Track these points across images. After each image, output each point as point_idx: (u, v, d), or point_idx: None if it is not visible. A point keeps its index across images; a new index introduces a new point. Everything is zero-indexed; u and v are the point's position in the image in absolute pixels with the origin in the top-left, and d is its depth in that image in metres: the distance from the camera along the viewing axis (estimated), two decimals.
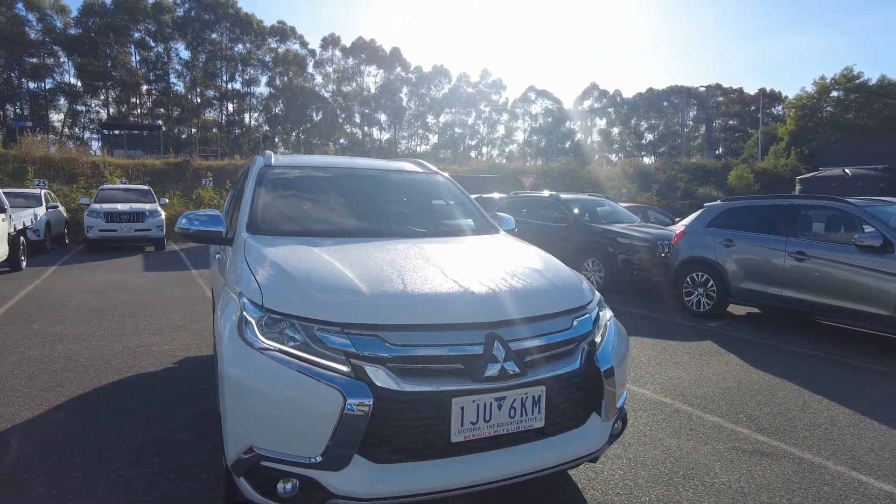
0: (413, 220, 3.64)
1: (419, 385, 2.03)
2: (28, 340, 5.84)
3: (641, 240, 8.92)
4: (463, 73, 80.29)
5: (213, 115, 66.45)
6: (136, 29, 58.12)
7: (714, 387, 4.81)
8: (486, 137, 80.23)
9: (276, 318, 2.17)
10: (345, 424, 1.95)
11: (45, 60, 54.32)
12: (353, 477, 2.00)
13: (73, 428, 3.74)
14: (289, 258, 2.59)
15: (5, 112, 54.15)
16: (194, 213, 3.42)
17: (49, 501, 2.85)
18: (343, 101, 70.13)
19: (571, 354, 2.34)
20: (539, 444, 2.26)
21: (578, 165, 36.70)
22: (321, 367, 2.02)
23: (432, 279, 2.39)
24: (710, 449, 3.59)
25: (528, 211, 11.26)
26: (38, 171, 20.06)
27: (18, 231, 10.64)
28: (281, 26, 66.05)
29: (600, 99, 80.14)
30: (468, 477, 2.11)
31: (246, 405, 2.08)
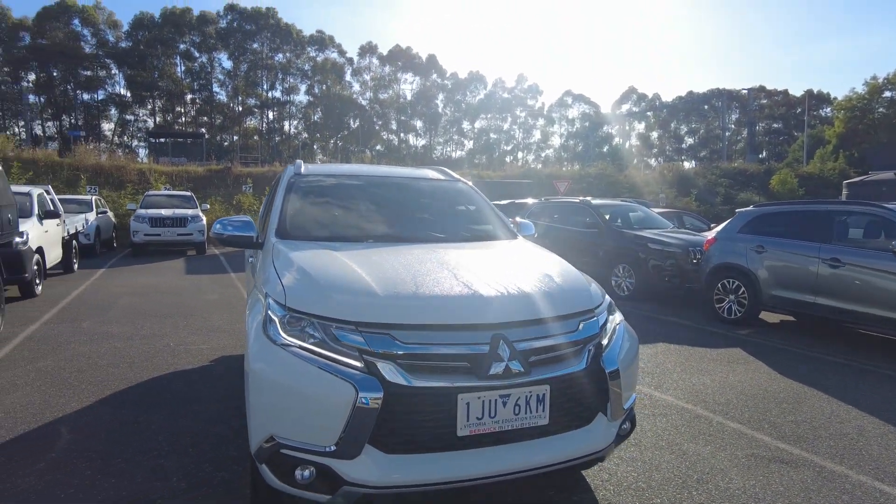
0: (434, 225, 3.77)
1: (427, 381, 2.16)
2: (78, 338, 6.23)
3: (673, 246, 8.83)
4: (499, 79, 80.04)
5: (254, 123, 68.32)
6: (181, 41, 60.42)
7: (738, 394, 4.78)
8: (521, 142, 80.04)
9: (297, 316, 2.33)
10: (357, 416, 2.09)
11: (97, 73, 57.03)
12: (365, 466, 2.13)
13: (117, 419, 4.01)
14: (312, 262, 2.76)
15: (62, 122, 57.01)
16: (228, 219, 3.64)
17: (94, 483, 3.09)
18: (380, 108, 71.11)
19: (577, 356, 2.43)
20: (544, 441, 2.35)
21: (615, 170, 36.29)
22: (336, 363, 2.17)
23: (444, 282, 2.52)
24: (727, 455, 3.59)
25: (559, 216, 11.28)
26: (90, 178, 21.10)
27: (71, 235, 11.26)
28: (320, 35, 67.52)
29: (638, 103, 79.01)
30: (474, 470, 2.21)
31: (268, 397, 2.25)
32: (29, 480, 3.15)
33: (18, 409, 4.19)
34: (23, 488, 3.06)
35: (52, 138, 53.89)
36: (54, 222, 9.85)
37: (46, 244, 9.24)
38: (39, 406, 4.24)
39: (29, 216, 8.87)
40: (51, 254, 9.56)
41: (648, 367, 5.48)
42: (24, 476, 3.19)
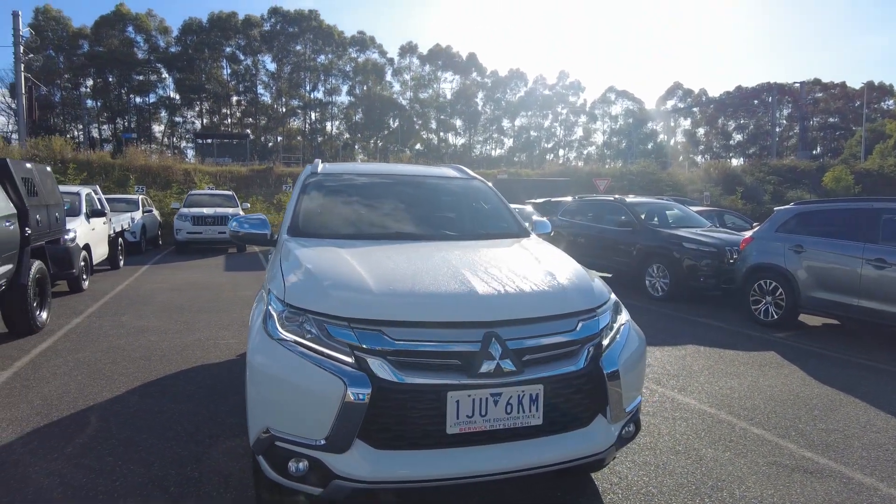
0: (445, 223, 3.77)
1: (417, 378, 2.16)
2: (116, 331, 6.51)
3: (709, 245, 8.55)
4: (539, 76, 79.34)
5: (297, 124, 69.78)
6: (227, 44, 62.24)
7: (766, 399, 4.59)
8: (562, 140, 79.06)
9: (294, 312, 2.37)
10: (345, 411, 2.11)
11: (149, 77, 59.40)
12: (354, 460, 2.15)
13: (143, 408, 4.17)
14: (315, 259, 2.80)
15: (116, 125, 59.66)
16: (245, 217, 3.74)
17: (114, 469, 3.23)
18: (420, 107, 71.48)
19: (574, 355, 2.38)
20: (539, 442, 2.32)
21: (659, 167, 35.43)
22: (328, 358, 2.20)
23: (441, 280, 2.51)
24: (746, 462, 3.46)
25: (593, 215, 11.10)
26: (139, 178, 22.02)
27: (117, 233, 11.78)
28: (361, 36, 68.38)
29: (684, 98, 76.75)
30: (465, 468, 2.20)
31: (264, 390, 2.30)
32: (57, 464, 3.31)
33: (56, 396, 4.41)
34: (50, 471, 3.22)
35: (107, 140, 56.43)
36: (101, 220, 10.32)
37: (93, 241, 9.69)
38: (74, 394, 4.45)
39: (77, 215, 9.33)
40: (97, 250, 10.02)
41: (674, 370, 5.33)
42: (53, 460, 3.36)
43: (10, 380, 4.80)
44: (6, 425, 3.87)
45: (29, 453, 3.46)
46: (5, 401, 4.32)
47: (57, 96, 55.98)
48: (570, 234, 11.29)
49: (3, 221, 5.70)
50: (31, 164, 6.89)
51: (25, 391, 4.52)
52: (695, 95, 76.67)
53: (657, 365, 5.49)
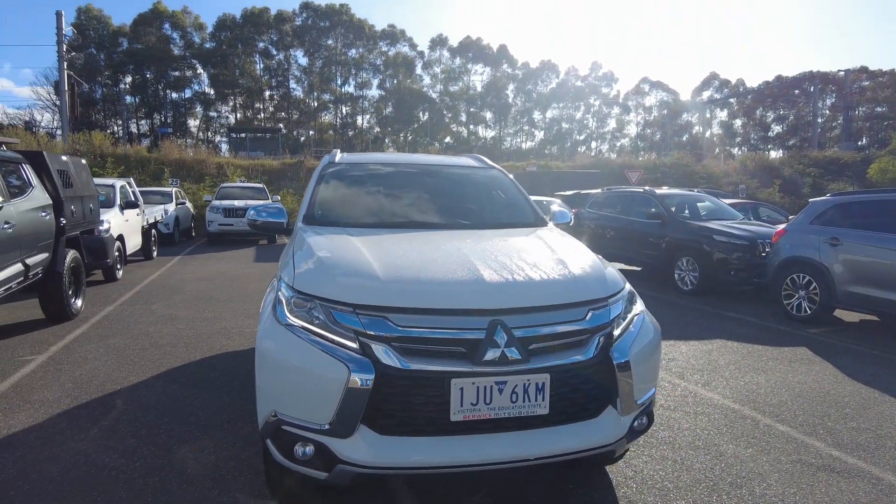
0: (460, 212, 3.74)
1: (420, 364, 2.15)
2: (146, 319, 6.69)
3: (740, 238, 8.31)
4: (571, 67, 78.05)
5: (328, 118, 70.44)
6: (260, 39, 63.16)
7: (794, 395, 4.44)
8: (595, 132, 77.95)
9: (303, 298, 2.38)
10: (349, 396, 2.11)
11: (185, 73, 60.75)
12: (358, 446, 2.16)
13: (167, 394, 4.28)
14: (325, 246, 2.81)
15: (153, 120, 61.28)
16: (263, 206, 3.79)
17: (135, 451, 3.32)
18: (449, 100, 71.33)
19: (583, 345, 2.33)
20: (545, 432, 2.28)
21: (693, 160, 34.58)
22: (333, 343, 2.20)
23: (449, 267, 2.49)
24: (769, 459, 3.35)
25: (622, 207, 10.90)
26: (173, 171, 22.55)
27: (150, 225, 12.11)
28: (391, 30, 68.51)
29: (721, 89, 74.62)
30: (469, 456, 2.18)
31: (272, 374, 2.32)
32: (82, 444, 3.42)
33: (86, 380, 4.56)
34: (76, 450, 3.33)
35: (145, 135, 58.01)
36: (134, 212, 10.61)
37: (127, 232, 9.98)
38: (103, 379, 4.60)
39: (112, 206, 9.61)
40: (131, 241, 10.31)
41: (698, 364, 5.21)
42: (80, 440, 3.48)
43: (44, 363, 4.98)
44: (39, 406, 4.02)
45: (58, 433, 3.59)
46: (40, 383, 4.49)
47: (98, 93, 57.76)
48: (598, 227, 11.12)
49: (39, 212, 5.91)
50: (66, 157, 7.12)
51: (58, 374, 4.69)
52: (732, 86, 74.50)
53: (681, 359, 5.37)
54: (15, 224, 5.26)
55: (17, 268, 5.30)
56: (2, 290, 5.06)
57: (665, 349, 5.70)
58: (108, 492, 2.89)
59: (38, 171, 6.27)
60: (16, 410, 3.94)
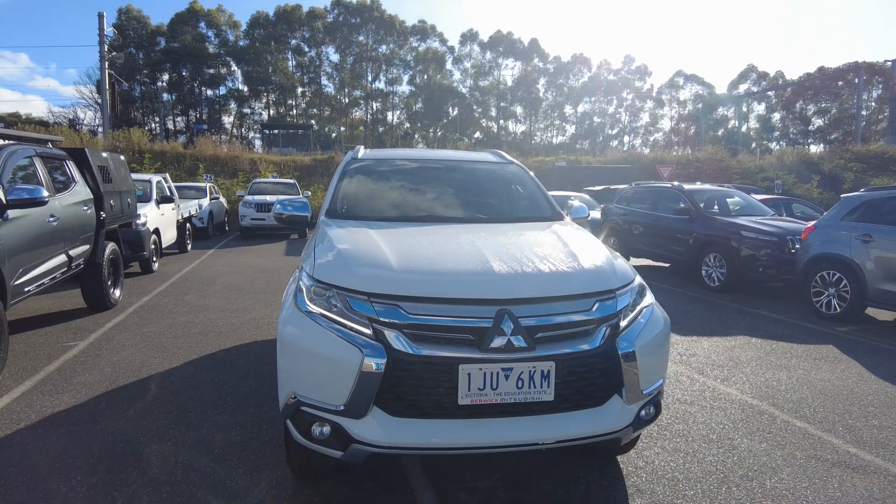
0: (478, 206, 3.83)
1: (430, 350, 2.25)
2: (180, 309, 6.97)
3: (768, 234, 8.17)
4: (604, 61, 77.25)
5: (359, 114, 71.09)
6: (292, 36, 64.12)
7: (816, 392, 4.40)
8: (627, 126, 76.84)
9: (322, 287, 2.52)
10: (363, 379, 2.24)
11: (219, 70, 62.11)
12: (371, 426, 2.28)
13: (198, 379, 4.49)
14: (345, 238, 2.94)
15: (189, 117, 62.88)
16: (289, 200, 3.95)
17: (167, 431, 3.52)
18: (479, 95, 71.19)
19: (589, 335, 2.40)
20: (550, 418, 2.36)
21: (728, 154, 33.81)
22: (349, 329, 2.33)
23: (460, 259, 2.59)
24: (783, 454, 3.35)
25: (650, 202, 10.80)
26: (208, 167, 23.17)
27: (185, 219, 12.52)
28: (422, 25, 68.70)
29: (759, 82, 72.54)
30: (475, 438, 2.28)
31: (292, 358, 2.46)
32: (119, 423, 3.65)
33: (122, 365, 4.81)
34: (113, 429, 3.56)
35: (181, 132, 59.58)
36: (170, 206, 10.99)
37: (163, 226, 10.36)
38: (138, 364, 4.85)
39: (148, 201, 9.99)
40: (166, 235, 10.69)
41: (720, 360, 5.19)
42: (117, 420, 3.71)
43: (86, 349, 5.27)
44: (80, 388, 4.28)
45: (98, 413, 3.82)
46: (82, 367, 4.76)
47: (137, 91, 59.55)
48: (626, 222, 11.06)
49: (81, 206, 6.22)
50: (106, 154, 7.45)
51: (98, 360, 4.96)
52: (770, 78, 72.37)
53: (702, 354, 5.35)
54: (59, 217, 5.56)
55: (61, 258, 5.61)
56: (47, 280, 5.36)
57: (686, 344, 5.69)
58: (142, 467, 3.08)
59: (81, 167, 6.59)
60: (61, 391, 4.21)
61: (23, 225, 4.86)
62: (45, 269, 5.30)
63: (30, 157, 5.42)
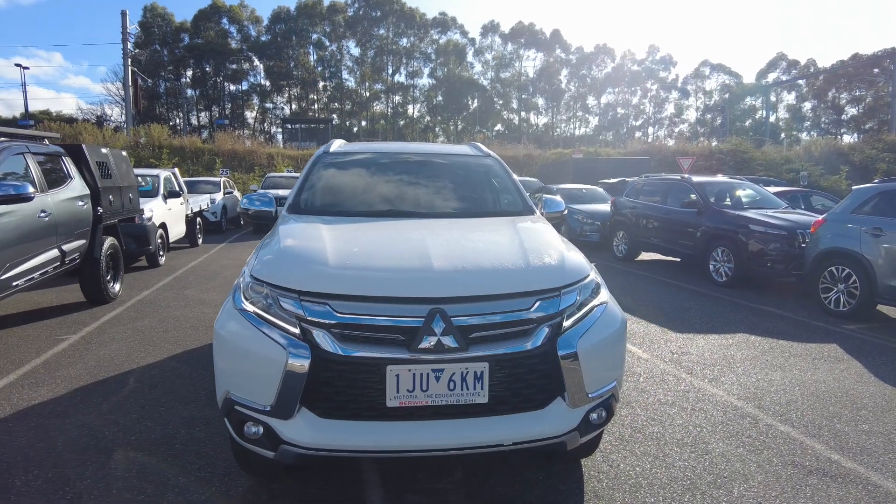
0: (444, 201, 3.72)
1: (357, 351, 2.18)
2: (177, 303, 7.04)
3: (777, 228, 7.88)
4: (628, 51, 76.08)
5: (380, 108, 71.24)
6: (313, 31, 64.43)
7: (807, 394, 4.21)
8: (652, 117, 75.57)
9: (258, 284, 2.46)
10: (287, 379, 2.18)
11: (242, 66, 62.83)
12: (299, 427, 2.22)
13: (178, 373, 4.51)
14: (292, 235, 2.88)
15: (211, 112, 63.80)
16: (257, 195, 3.91)
17: (134, 426, 3.54)
18: (501, 87, 70.69)
19: (527, 335, 2.30)
20: (486, 421, 2.27)
21: (754, 145, 32.92)
22: (276, 328, 2.27)
23: (401, 255, 2.51)
24: (759, 460, 3.20)
25: (659, 195, 10.54)
26: (225, 161, 23.47)
27: (195, 213, 12.65)
28: (442, 17, 68.42)
29: (788, 70, 70.41)
30: (406, 441, 2.21)
31: (225, 356, 2.42)
32: (90, 417, 3.67)
33: (107, 359, 4.86)
34: (82, 423, 3.58)
35: (205, 127, 60.51)
36: (178, 201, 11.12)
37: (170, 220, 10.47)
38: (123, 358, 4.89)
39: (155, 196, 10.11)
40: (174, 229, 10.82)
41: (711, 359, 5.01)
42: (88, 414, 3.73)
43: (76, 343, 5.34)
44: (61, 381, 4.33)
45: (72, 407, 3.85)
46: (67, 361, 4.82)
47: (161, 87, 60.62)
48: (635, 216, 10.82)
49: (76, 201, 6.30)
50: (106, 150, 7.54)
51: (85, 353, 5.02)
52: (801, 67, 70.19)
53: (695, 353, 5.18)
54: (52, 212, 5.63)
55: (53, 253, 5.68)
56: (37, 275, 5.44)
57: (681, 342, 5.52)
58: (100, 462, 3.09)
59: (78, 163, 6.67)
60: (40, 385, 4.26)
61: (9, 221, 4.93)
62: (35, 264, 5.38)
63: (21, 154, 5.49)
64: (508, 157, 33.26)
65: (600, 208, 13.04)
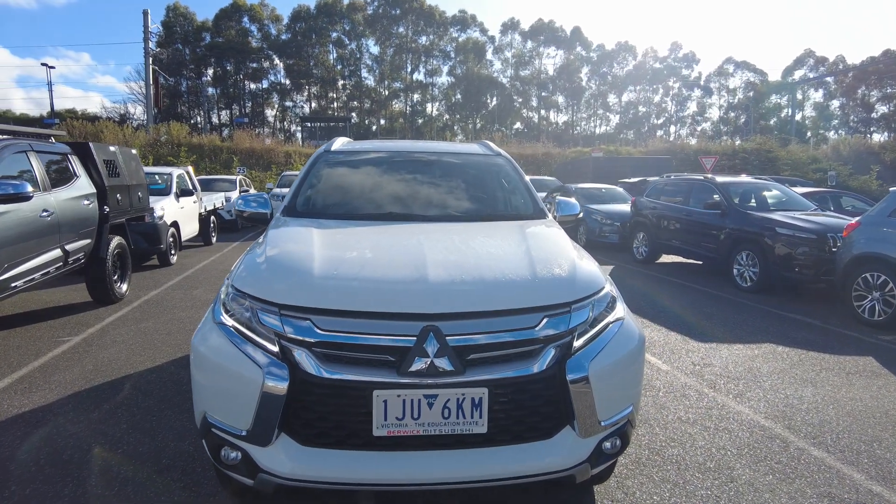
0: (450, 203, 3.48)
1: (340, 373, 1.96)
2: (184, 303, 6.91)
3: (806, 231, 7.50)
4: (649, 48, 75.02)
5: (399, 106, 71.15)
6: (333, 29, 64.56)
7: (843, 414, 3.89)
8: (674, 116, 74.40)
9: (238, 295, 2.26)
10: (265, 401, 1.97)
11: (262, 64, 63.21)
12: (277, 455, 2.01)
13: (175, 380, 4.35)
14: (282, 240, 2.68)
15: (232, 111, 64.31)
16: (253, 196, 3.71)
17: (122, 438, 3.37)
18: (520, 85, 70.14)
19: (532, 357, 2.06)
20: (486, 452, 2.04)
21: (778, 145, 32.09)
22: (255, 345, 2.06)
23: (396, 265, 2.28)
24: (791, 490, 2.91)
25: (680, 195, 10.18)
26: (243, 160, 23.51)
27: (210, 211, 12.59)
28: (462, 15, 68.06)
29: (816, 67, 68.62)
30: (395, 474, 1.98)
31: (201, 373, 2.22)
32: (78, 427, 3.52)
33: (106, 363, 4.72)
34: (69, 433, 3.42)
35: (225, 125, 61.01)
36: (190, 199, 11.04)
37: (182, 219, 10.39)
38: (121, 362, 4.75)
39: (167, 194, 10.03)
40: (187, 228, 10.74)
41: (736, 372, 4.70)
42: (78, 422, 3.58)
43: (77, 345, 5.22)
44: (55, 387, 4.19)
45: (61, 415, 3.70)
46: (65, 364, 4.70)
47: (183, 85, 61.29)
48: (655, 217, 10.47)
49: (81, 200, 6.19)
50: (115, 148, 7.44)
51: (83, 356, 4.89)
52: (829, 64, 68.36)
53: (718, 365, 4.87)
54: (54, 212, 5.53)
55: (55, 253, 5.58)
56: (38, 275, 5.33)
57: (703, 353, 5.22)
58: (81, 478, 2.92)
59: (85, 162, 6.57)
60: (34, 390, 4.13)
61: (8, 220, 4.82)
62: (36, 264, 5.27)
63: (23, 153, 5.39)
64: (526, 156, 32.89)
65: (620, 208, 12.70)
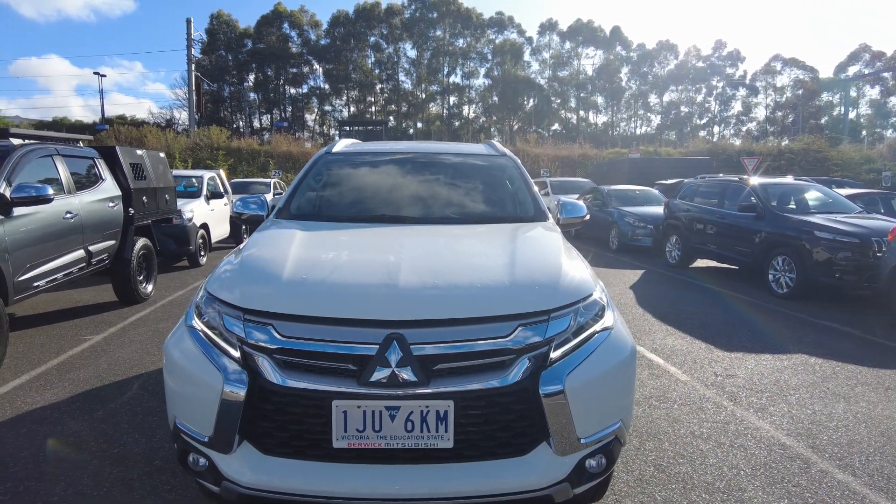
0: (447, 205, 3.37)
1: (299, 381, 1.89)
2: None
3: (848, 234, 7.06)
4: (692, 47, 72.75)
5: (435, 109, 71.35)
6: (371, 34, 65.31)
7: (876, 434, 3.59)
8: (717, 116, 72.14)
9: (210, 299, 2.21)
10: (224, 409, 1.92)
11: (302, 69, 64.45)
12: (238, 463, 1.96)
13: None
14: (262, 242, 2.64)
15: (272, 115, 65.77)
16: (252, 198, 3.70)
17: (121, 437, 3.40)
18: (558, 86, 69.36)
19: (503, 368, 1.93)
20: (454, 468, 1.92)
21: (828, 144, 30.72)
22: (220, 350, 2.01)
23: (367, 270, 2.20)
24: None
25: (716, 197, 9.78)
26: (280, 163, 23.97)
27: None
28: (499, 17, 67.80)
29: (872, 63, 65.37)
30: (356, 488, 1.89)
31: (171, 378, 2.19)
32: (81, 425, 3.57)
33: (119, 363, 4.81)
34: (72, 431, 3.48)
35: (266, 129, 62.45)
36: (221, 202, 11.26)
37: (212, 221, 10.60)
38: (134, 362, 4.82)
39: (197, 196, 10.25)
40: (217, 230, 10.95)
41: (762, 384, 4.43)
42: (82, 421, 3.64)
43: (96, 344, 5.35)
44: (67, 384, 4.29)
45: (67, 413, 3.77)
46: (82, 362, 4.81)
47: (226, 91, 63.04)
48: (688, 219, 10.10)
49: (107, 202, 6.36)
50: (142, 151, 7.63)
51: (100, 355, 4.99)
52: (887, 58, 64.98)
53: (742, 376, 4.60)
54: (77, 213, 5.68)
55: (78, 254, 5.73)
56: (61, 275, 5.48)
57: (727, 362, 4.95)
58: (75, 476, 2.95)
59: (111, 165, 6.75)
60: (48, 388, 4.22)
61: (31, 222, 4.97)
62: (59, 265, 5.41)
63: (48, 157, 5.56)
64: (562, 157, 32.47)
65: (653, 211, 12.33)
